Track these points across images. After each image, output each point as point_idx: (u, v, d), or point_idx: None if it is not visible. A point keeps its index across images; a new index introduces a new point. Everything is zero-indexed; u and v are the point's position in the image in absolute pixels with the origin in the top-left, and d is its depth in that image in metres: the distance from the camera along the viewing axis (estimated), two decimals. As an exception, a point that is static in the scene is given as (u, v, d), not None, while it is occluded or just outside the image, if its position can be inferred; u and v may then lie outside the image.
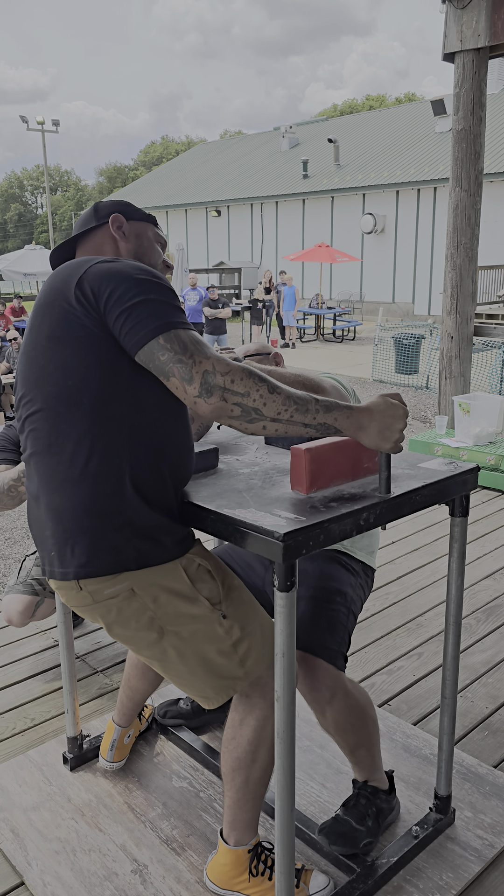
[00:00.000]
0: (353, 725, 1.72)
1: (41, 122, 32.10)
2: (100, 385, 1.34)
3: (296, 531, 1.26)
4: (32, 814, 1.95)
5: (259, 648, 1.50)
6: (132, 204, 1.64)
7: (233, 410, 1.29)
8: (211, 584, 1.48)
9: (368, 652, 2.73)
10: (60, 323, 1.35)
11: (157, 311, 1.31)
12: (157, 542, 1.42)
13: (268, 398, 1.29)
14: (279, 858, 1.43)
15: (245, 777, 1.58)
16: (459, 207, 5.02)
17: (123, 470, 1.37)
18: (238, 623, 1.48)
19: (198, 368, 1.27)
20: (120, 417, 1.36)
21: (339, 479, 1.49)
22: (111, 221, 1.55)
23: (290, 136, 28.17)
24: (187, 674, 1.49)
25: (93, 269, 1.36)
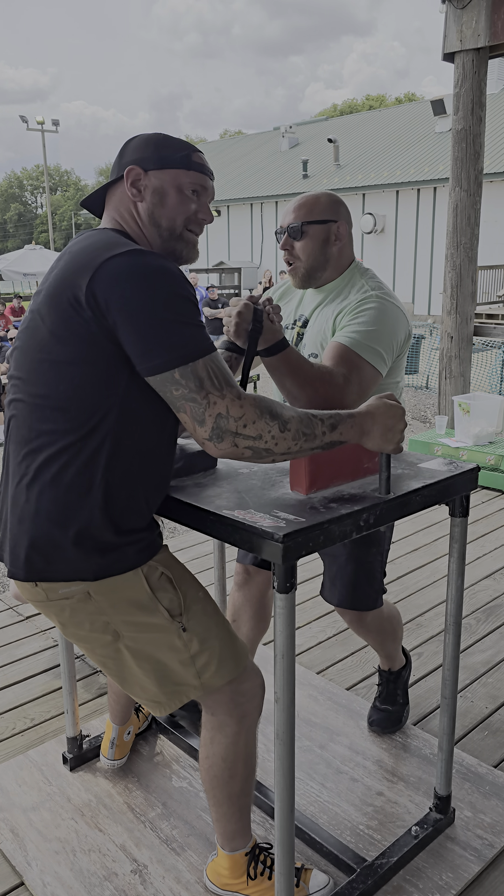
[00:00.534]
0: (384, 630, 2.12)
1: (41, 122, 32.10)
2: (91, 396, 1.27)
3: (295, 532, 1.26)
4: (32, 814, 1.95)
5: (217, 662, 1.45)
6: (163, 140, 1.39)
7: (244, 453, 1.26)
8: (172, 594, 1.42)
9: (368, 652, 2.73)
10: (66, 321, 1.26)
11: (173, 335, 1.22)
12: (119, 556, 1.36)
13: (279, 437, 1.26)
14: (279, 858, 1.43)
15: (227, 793, 1.56)
16: (459, 207, 5.01)
17: (97, 486, 1.31)
18: (198, 636, 1.43)
19: (211, 411, 1.22)
20: (105, 431, 1.29)
21: (338, 480, 1.49)
22: (125, 177, 1.39)
23: (289, 136, 28.17)
24: (141, 678, 1.45)
25: (105, 269, 1.24)
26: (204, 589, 1.50)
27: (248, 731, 1.53)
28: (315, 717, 2.34)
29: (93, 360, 1.26)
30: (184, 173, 1.39)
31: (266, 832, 1.87)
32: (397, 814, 1.93)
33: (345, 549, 2.03)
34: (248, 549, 1.31)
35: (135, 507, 1.37)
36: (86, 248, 1.30)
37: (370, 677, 2.58)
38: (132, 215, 1.41)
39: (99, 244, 1.29)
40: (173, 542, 3.86)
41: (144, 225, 1.41)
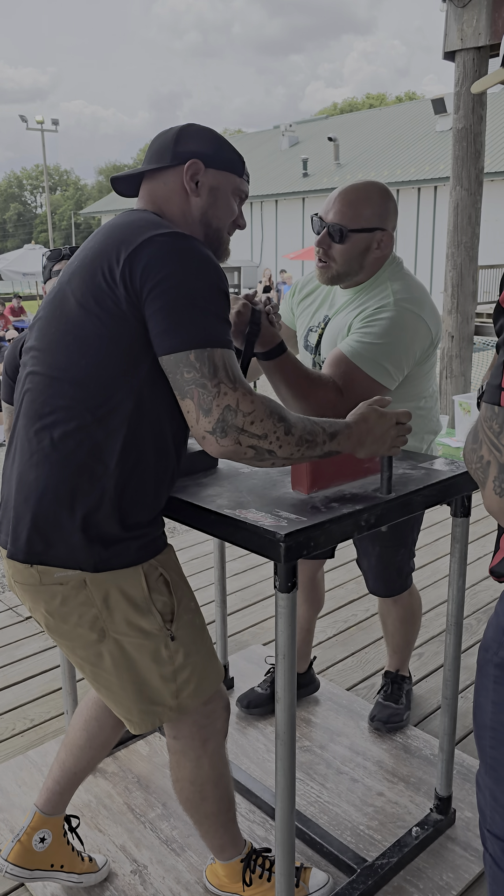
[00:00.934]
0: (405, 621, 2.23)
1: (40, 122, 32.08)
2: (112, 374, 1.24)
3: (297, 532, 1.26)
4: (32, 814, 1.94)
5: (197, 679, 1.40)
6: (224, 141, 1.39)
7: (246, 453, 1.21)
8: (167, 598, 1.37)
9: (369, 652, 2.73)
10: (96, 294, 1.23)
11: (199, 320, 1.19)
12: (122, 549, 1.32)
13: (283, 440, 1.23)
14: (279, 858, 1.42)
15: (203, 813, 1.52)
16: (460, 206, 5.01)
17: (110, 472, 1.27)
18: (184, 648, 1.38)
19: (220, 401, 1.17)
20: (123, 415, 1.26)
21: (339, 480, 1.49)
22: (187, 168, 1.35)
23: (290, 135, 28.16)
24: (118, 688, 1.38)
25: (147, 245, 1.20)
26: (196, 600, 1.45)
27: (212, 755, 1.48)
28: (315, 718, 2.33)
29: (117, 338, 1.22)
30: (237, 180, 1.41)
31: (266, 832, 1.87)
32: (398, 814, 1.93)
33: (374, 550, 2.11)
34: (249, 548, 1.30)
35: (144, 499, 1.33)
36: (127, 223, 1.26)
37: (371, 678, 2.57)
38: (180, 208, 1.37)
39: (142, 222, 1.26)
40: (173, 542, 3.85)
41: (192, 220, 1.38)
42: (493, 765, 1.21)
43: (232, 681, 2.50)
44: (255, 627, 2.94)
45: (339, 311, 1.87)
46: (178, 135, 1.37)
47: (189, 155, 1.35)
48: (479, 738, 1.23)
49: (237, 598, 3.17)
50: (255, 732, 2.27)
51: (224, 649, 2.44)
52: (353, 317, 1.78)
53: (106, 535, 1.29)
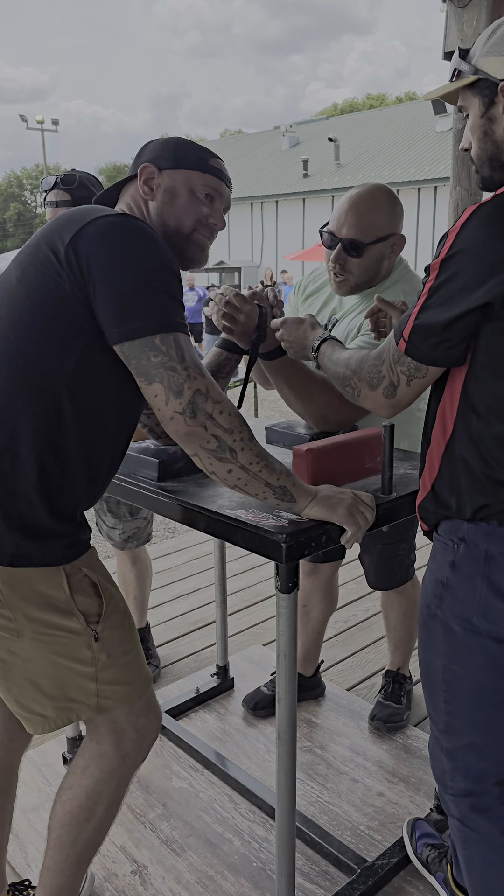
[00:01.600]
0: (409, 613, 2.25)
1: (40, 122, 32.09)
2: (43, 353, 1.18)
3: (298, 532, 1.26)
4: (32, 815, 1.94)
5: (121, 683, 1.34)
6: (181, 142, 1.38)
7: (209, 441, 1.17)
8: (92, 598, 1.30)
9: (369, 652, 2.73)
10: (38, 271, 1.18)
11: (157, 303, 1.15)
12: (44, 544, 1.24)
13: (246, 444, 1.19)
14: (279, 858, 1.42)
15: (75, 836, 1.37)
16: (460, 206, 5.00)
17: (35, 455, 1.20)
18: (108, 649, 1.32)
19: (191, 384, 1.15)
20: (51, 396, 1.19)
21: (340, 479, 1.49)
22: (139, 174, 1.35)
23: (290, 135, 28.17)
24: (29, 683, 1.29)
25: (92, 225, 1.17)
26: (125, 602, 1.39)
27: (124, 775, 1.38)
28: (316, 718, 2.33)
29: (54, 316, 1.17)
30: (198, 175, 1.36)
31: (266, 832, 1.87)
32: (398, 814, 1.93)
33: (376, 547, 2.12)
34: (250, 548, 1.30)
35: (71, 490, 1.26)
36: (74, 210, 1.24)
37: (371, 678, 2.57)
38: (141, 212, 1.37)
39: (90, 208, 1.24)
40: (173, 542, 3.85)
41: (153, 224, 1.36)
42: (448, 720, 1.27)
43: (232, 681, 2.50)
44: (255, 627, 2.94)
45: (347, 314, 1.87)
46: (141, 150, 1.40)
47: (143, 162, 1.36)
48: (432, 702, 1.28)
49: (237, 599, 3.17)
50: (256, 733, 2.27)
51: (224, 649, 2.44)
52: (364, 319, 1.77)
53: (29, 526, 1.22)
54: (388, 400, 1.24)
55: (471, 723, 1.24)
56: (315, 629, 2.36)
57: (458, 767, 1.28)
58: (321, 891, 1.70)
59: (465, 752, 1.26)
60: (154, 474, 1.55)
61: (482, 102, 1.18)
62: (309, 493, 1.27)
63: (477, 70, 1.16)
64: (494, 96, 1.16)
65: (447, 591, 1.22)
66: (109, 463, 1.33)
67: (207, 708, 2.39)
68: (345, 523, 1.28)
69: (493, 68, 1.14)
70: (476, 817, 1.28)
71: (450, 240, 1.11)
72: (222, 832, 1.87)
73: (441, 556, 1.24)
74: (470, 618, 1.19)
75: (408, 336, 1.16)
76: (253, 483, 1.22)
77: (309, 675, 2.41)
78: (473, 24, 4.72)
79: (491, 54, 1.15)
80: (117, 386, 1.25)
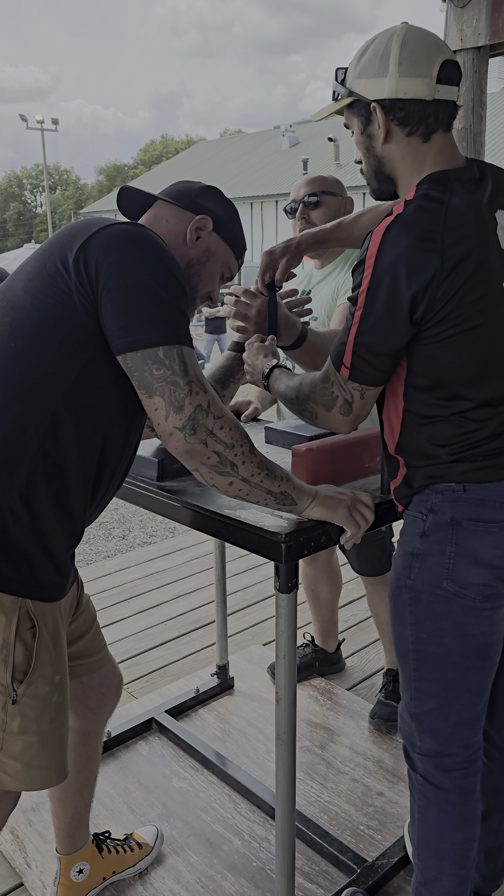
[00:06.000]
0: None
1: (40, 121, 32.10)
2: (44, 362, 1.14)
3: (298, 532, 1.26)
4: (32, 815, 1.94)
5: (25, 765, 1.22)
6: (237, 216, 1.44)
7: (209, 458, 1.15)
8: (27, 655, 1.20)
9: (368, 652, 2.73)
10: (45, 280, 1.16)
11: (164, 315, 1.13)
12: (18, 568, 1.17)
13: (247, 457, 1.18)
14: (279, 858, 1.42)
15: None
16: (460, 206, 5.01)
17: (25, 464, 1.15)
18: (22, 720, 1.20)
19: (192, 400, 1.12)
20: (47, 406, 1.15)
21: (340, 479, 1.49)
22: (197, 219, 1.34)
23: (290, 135, 28.18)
24: None
25: (101, 234, 1.15)
26: (64, 674, 1.27)
27: None
28: (316, 718, 2.33)
29: (58, 326, 1.15)
30: (233, 259, 1.42)
31: (266, 832, 1.87)
32: (398, 814, 1.93)
33: None
34: (249, 548, 1.30)
35: (64, 506, 1.20)
36: (84, 220, 1.22)
37: (371, 677, 2.58)
38: (171, 246, 1.35)
39: (102, 218, 1.21)
40: (173, 542, 3.86)
41: None
42: (418, 687, 1.35)
43: (232, 680, 2.50)
44: (255, 627, 2.94)
45: (318, 284, 2.08)
46: (204, 190, 1.39)
47: (205, 209, 1.37)
48: (403, 671, 1.38)
49: (237, 598, 3.17)
50: (255, 732, 2.27)
51: (224, 649, 2.44)
52: (342, 281, 1.98)
53: (10, 543, 1.16)
54: (345, 417, 1.29)
55: (437, 686, 1.31)
56: (328, 608, 2.50)
57: (425, 730, 1.35)
58: (321, 890, 1.70)
59: (433, 716, 1.33)
60: (154, 474, 1.55)
61: (360, 121, 1.28)
62: (309, 495, 1.27)
63: (351, 92, 1.27)
64: (370, 115, 1.26)
65: (417, 561, 1.29)
66: (109, 478, 1.28)
67: (207, 708, 2.39)
68: (345, 524, 1.28)
69: (365, 89, 1.25)
70: (440, 775, 1.36)
71: (368, 269, 1.18)
72: (222, 832, 1.87)
73: (411, 528, 1.31)
74: (439, 583, 1.27)
75: (349, 364, 1.23)
76: (255, 492, 1.21)
77: (331, 651, 2.58)
78: (473, 23, 4.72)
79: (362, 76, 1.25)
80: (119, 399, 1.22)
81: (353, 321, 1.21)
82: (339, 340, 1.24)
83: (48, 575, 1.21)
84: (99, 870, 1.67)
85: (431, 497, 1.27)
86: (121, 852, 1.73)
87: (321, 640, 2.57)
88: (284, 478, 1.24)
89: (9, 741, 1.20)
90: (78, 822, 1.62)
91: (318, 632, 2.55)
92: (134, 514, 4.98)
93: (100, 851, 1.69)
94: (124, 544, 4.45)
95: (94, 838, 1.70)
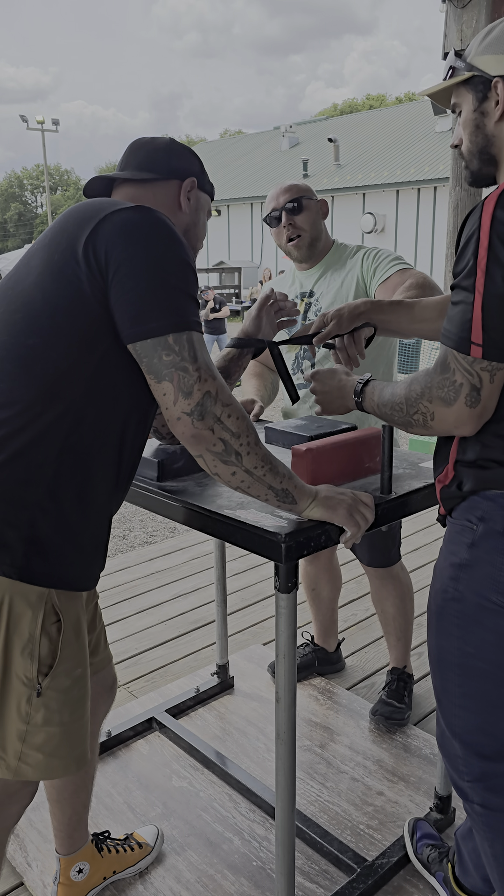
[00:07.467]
0: (404, 597, 2.32)
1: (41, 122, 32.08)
2: (62, 357, 1.15)
3: (297, 532, 1.26)
4: (32, 814, 1.94)
5: (47, 756, 1.25)
6: (202, 165, 1.43)
7: (215, 445, 1.15)
8: (52, 649, 1.23)
9: (368, 652, 2.73)
10: (55, 272, 1.16)
11: (173, 302, 1.14)
12: (48, 561, 1.19)
13: (252, 448, 1.18)
14: (279, 858, 1.42)
15: None
16: (460, 207, 5.00)
17: (52, 460, 1.17)
18: (46, 712, 1.23)
19: (201, 386, 1.13)
20: (69, 403, 1.17)
21: (340, 479, 1.49)
22: (186, 185, 1.35)
23: (290, 136, 28.17)
24: None
25: (109, 221, 1.15)
26: (85, 667, 1.30)
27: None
28: (315, 717, 2.34)
29: (72, 318, 1.15)
30: (209, 201, 1.44)
31: (266, 831, 1.87)
32: (398, 813, 1.93)
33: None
34: (249, 548, 1.31)
35: (90, 497, 1.23)
36: (89, 203, 1.21)
37: (371, 677, 2.58)
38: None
39: (105, 202, 1.21)
40: (173, 542, 3.86)
41: None
42: (462, 703, 1.29)
43: (232, 680, 2.50)
44: (255, 627, 2.94)
45: (320, 280, 2.14)
46: (170, 149, 1.36)
47: (187, 173, 1.36)
48: (444, 687, 1.30)
49: (237, 598, 3.17)
50: (255, 732, 2.27)
51: (224, 648, 2.45)
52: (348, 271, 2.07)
53: (39, 537, 1.18)
54: (472, 410, 1.15)
55: (482, 702, 1.26)
56: (328, 607, 2.51)
57: (470, 750, 1.30)
58: (321, 890, 1.71)
59: (478, 734, 1.27)
60: (154, 474, 1.55)
61: (475, 98, 1.26)
62: (310, 495, 1.27)
63: (472, 67, 1.25)
64: (488, 91, 1.24)
65: (464, 572, 1.23)
66: (129, 467, 1.30)
67: (207, 707, 2.39)
68: (345, 524, 1.28)
69: (488, 65, 1.23)
70: (496, 798, 1.29)
71: (484, 236, 1.11)
72: (222, 831, 1.88)
73: (457, 538, 1.25)
74: (489, 595, 1.20)
75: (480, 340, 1.11)
76: (256, 486, 1.21)
77: (331, 650, 2.58)
78: (473, 24, 4.72)
79: (486, 52, 1.24)
80: (134, 387, 1.23)
81: (476, 293, 1.11)
82: (458, 320, 1.13)
83: (76, 566, 1.24)
84: (99, 869, 1.68)
85: (482, 504, 1.21)
86: (121, 852, 1.73)
87: (321, 639, 2.57)
88: (287, 475, 1.24)
89: (32, 733, 1.24)
90: (77, 823, 1.62)
91: (318, 631, 2.56)
92: (134, 514, 4.99)
93: (99, 851, 1.69)
94: (125, 544, 4.45)
95: (94, 838, 1.71)
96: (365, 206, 21.65)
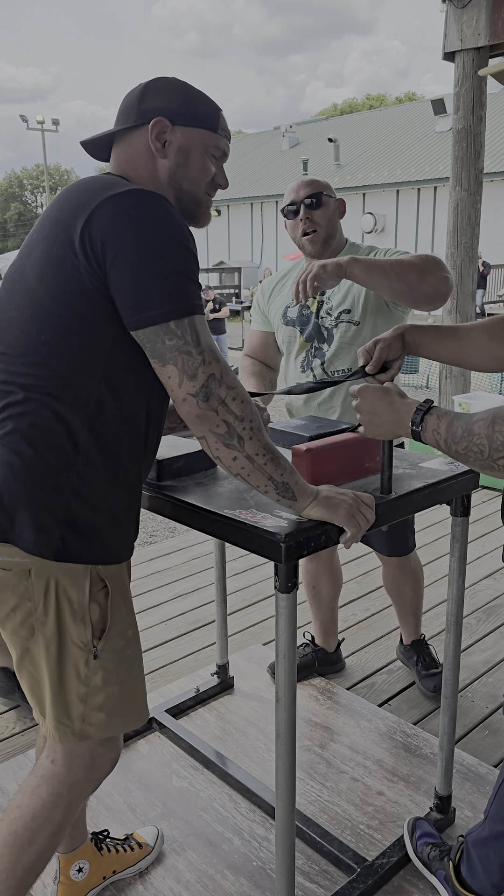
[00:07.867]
0: (420, 580, 2.44)
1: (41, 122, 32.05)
2: (75, 352, 1.17)
3: (297, 532, 1.26)
4: (33, 813, 1.94)
5: (108, 714, 1.30)
6: (193, 94, 1.28)
7: (219, 426, 1.16)
8: (102, 614, 1.28)
9: (368, 652, 2.73)
10: (55, 266, 1.16)
11: (174, 287, 1.13)
12: (86, 540, 1.23)
13: (255, 434, 1.18)
14: (279, 858, 1.42)
15: (15, 859, 1.33)
16: (460, 207, 5.01)
17: (81, 447, 1.20)
18: (104, 673, 1.29)
19: (205, 369, 1.14)
20: (89, 391, 1.19)
21: (340, 479, 1.49)
22: (151, 127, 1.25)
23: (290, 136, 28.18)
24: (36, 685, 1.30)
25: (104, 207, 1.13)
26: (136, 628, 1.36)
27: (71, 802, 1.36)
28: (315, 717, 2.34)
29: (77, 311, 1.16)
30: (211, 136, 1.30)
31: (266, 831, 1.87)
32: (398, 813, 1.93)
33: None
34: (249, 548, 1.31)
35: (120, 474, 1.26)
36: (84, 187, 1.19)
37: (371, 677, 2.58)
38: (147, 170, 1.29)
39: (98, 183, 1.19)
40: (173, 542, 3.86)
41: (161, 184, 1.29)
42: None
43: (232, 680, 2.50)
44: (255, 627, 2.94)
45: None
46: (143, 91, 1.27)
47: (154, 112, 1.26)
48: None
49: (237, 598, 3.17)
50: (255, 732, 2.27)
51: (224, 648, 2.45)
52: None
53: (75, 518, 1.22)
54: None
55: None
56: (329, 606, 2.52)
57: None
58: (321, 890, 1.71)
59: None
60: (154, 474, 1.55)
61: None
62: (310, 494, 1.27)
63: None
64: None
65: None
66: (155, 440, 1.33)
67: (207, 707, 2.39)
68: (345, 524, 1.27)
69: None
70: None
71: None
72: (222, 831, 1.88)
73: None
74: None
75: None
76: (256, 474, 1.21)
77: (331, 650, 2.59)
78: (473, 24, 4.72)
79: None
80: (148, 366, 1.23)
81: None
82: None
83: (114, 540, 1.28)
84: (99, 869, 1.67)
85: None
86: (121, 851, 1.73)
87: (321, 639, 2.57)
88: (289, 469, 1.24)
89: (92, 694, 1.29)
90: (75, 821, 1.61)
91: (318, 631, 2.56)
92: (134, 514, 4.98)
93: (99, 850, 1.69)
94: (124, 544, 4.45)
95: (93, 837, 1.71)
96: (365, 205, 21.65)
